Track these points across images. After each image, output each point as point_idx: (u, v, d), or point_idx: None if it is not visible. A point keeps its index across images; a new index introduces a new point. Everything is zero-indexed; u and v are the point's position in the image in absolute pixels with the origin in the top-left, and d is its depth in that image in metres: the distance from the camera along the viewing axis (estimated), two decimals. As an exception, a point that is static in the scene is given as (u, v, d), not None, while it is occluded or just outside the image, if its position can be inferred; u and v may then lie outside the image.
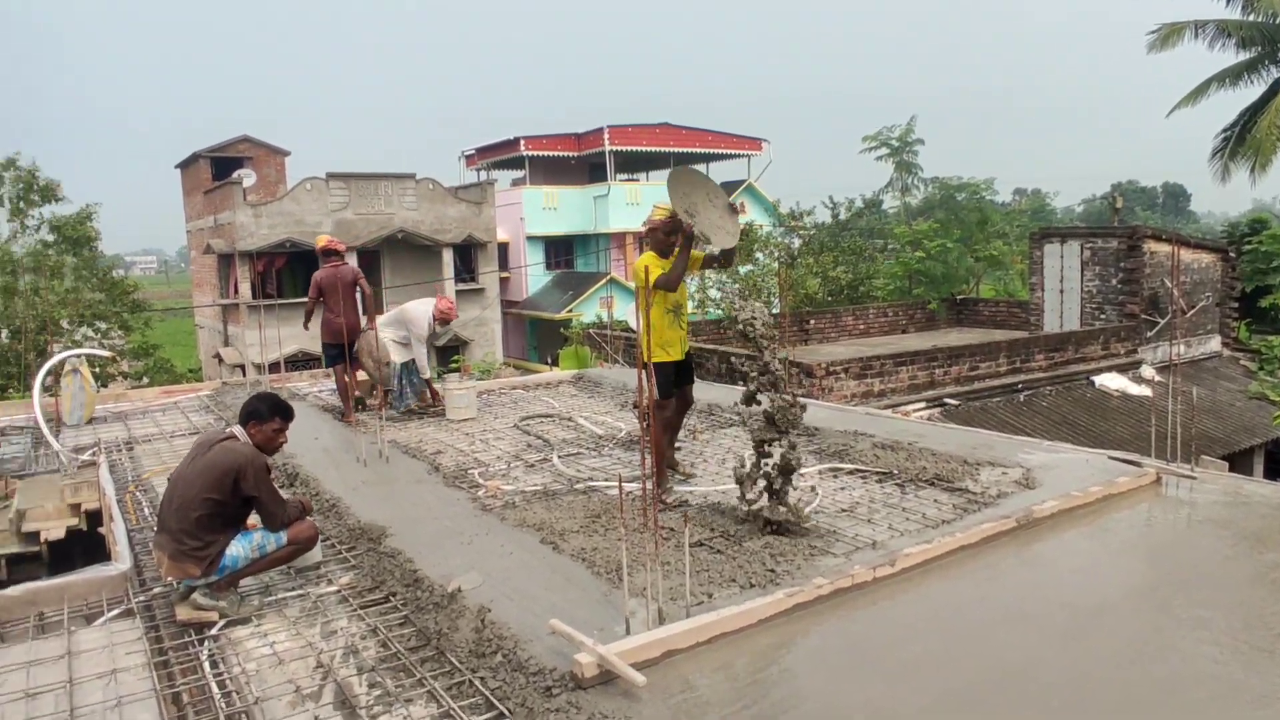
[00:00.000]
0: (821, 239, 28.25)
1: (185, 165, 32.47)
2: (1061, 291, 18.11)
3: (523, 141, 33.62)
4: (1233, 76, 20.52)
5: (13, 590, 4.55)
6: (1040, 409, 13.88)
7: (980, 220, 27.82)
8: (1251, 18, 20.15)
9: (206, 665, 3.81)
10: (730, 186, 34.54)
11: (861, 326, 20.87)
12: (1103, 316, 17.27)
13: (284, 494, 4.62)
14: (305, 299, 9.16)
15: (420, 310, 9.06)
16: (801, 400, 8.87)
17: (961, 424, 10.45)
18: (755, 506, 5.06)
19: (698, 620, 3.76)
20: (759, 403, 5.27)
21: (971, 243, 26.90)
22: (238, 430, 4.44)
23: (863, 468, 6.39)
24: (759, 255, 23.24)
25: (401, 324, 9.08)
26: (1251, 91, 20.59)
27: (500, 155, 35.50)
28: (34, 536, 6.78)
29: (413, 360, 9.07)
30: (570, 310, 29.56)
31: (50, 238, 20.56)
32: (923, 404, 13.01)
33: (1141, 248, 16.73)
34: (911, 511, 5.37)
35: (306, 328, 9.76)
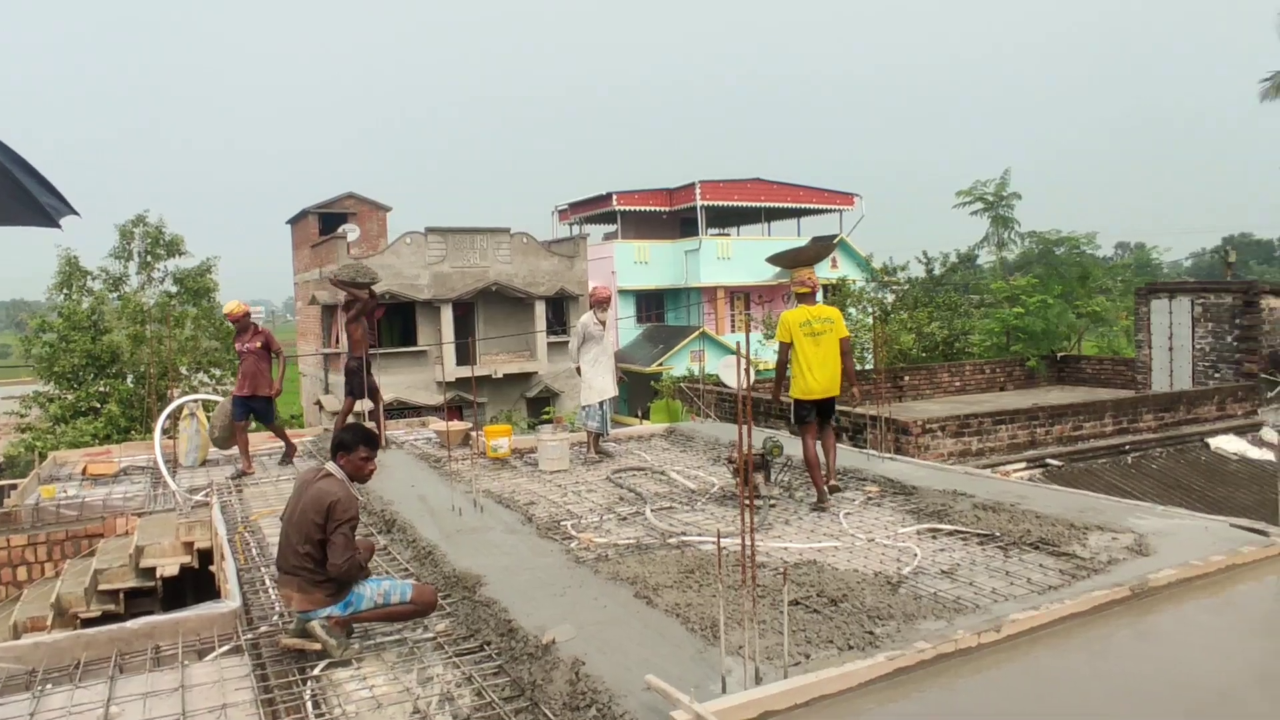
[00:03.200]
0: (915, 294, 27.74)
1: (295, 221, 34.25)
2: (1171, 349, 17.32)
3: (615, 196, 34.30)
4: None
5: (133, 624, 4.78)
6: (1150, 471, 13.20)
7: (1081, 275, 26.90)
8: None
9: (309, 705, 3.91)
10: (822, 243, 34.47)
11: (958, 384, 20.33)
12: (1217, 375, 16.43)
13: (367, 538, 4.74)
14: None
15: (582, 318, 9.67)
16: (898, 458, 8.69)
17: (1065, 485, 10.02)
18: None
19: (795, 681, 3.68)
20: None
21: (1073, 298, 26.02)
22: (331, 466, 4.59)
23: (963, 529, 6.20)
24: (852, 310, 22.97)
25: (579, 339, 9.57)
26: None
27: (592, 210, 36.26)
28: (150, 572, 7.11)
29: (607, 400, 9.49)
30: (661, 364, 29.70)
31: (174, 289, 21.83)
32: (1023, 464, 12.54)
33: (1258, 303, 15.93)
34: (1016, 576, 5.17)
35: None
